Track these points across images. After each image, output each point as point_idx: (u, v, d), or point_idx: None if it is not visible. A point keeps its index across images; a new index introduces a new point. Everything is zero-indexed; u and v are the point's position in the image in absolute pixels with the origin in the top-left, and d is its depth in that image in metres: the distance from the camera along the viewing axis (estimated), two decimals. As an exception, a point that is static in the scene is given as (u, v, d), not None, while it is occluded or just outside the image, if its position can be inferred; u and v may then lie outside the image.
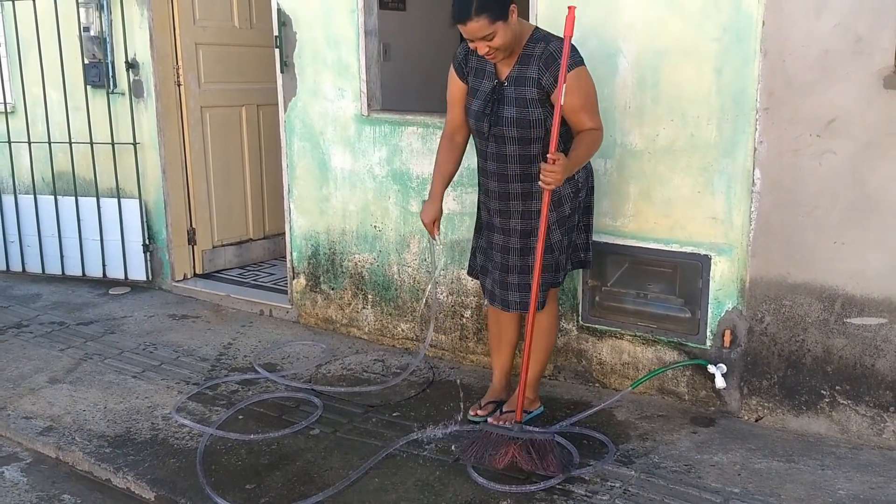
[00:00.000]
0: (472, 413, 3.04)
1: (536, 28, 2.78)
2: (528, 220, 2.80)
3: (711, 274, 3.02)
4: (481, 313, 3.59)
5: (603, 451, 2.80)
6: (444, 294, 3.70)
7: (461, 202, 3.56)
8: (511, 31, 2.59)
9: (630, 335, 3.25)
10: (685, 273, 3.09)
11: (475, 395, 3.27)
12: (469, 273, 3.13)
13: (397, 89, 4.31)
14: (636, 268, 3.18)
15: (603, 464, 2.70)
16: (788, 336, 2.91)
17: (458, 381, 3.39)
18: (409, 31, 4.97)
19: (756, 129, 2.84)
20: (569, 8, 2.52)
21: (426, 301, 3.66)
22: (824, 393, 2.87)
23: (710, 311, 3.05)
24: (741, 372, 3.03)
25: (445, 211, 3.57)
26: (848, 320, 2.78)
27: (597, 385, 3.36)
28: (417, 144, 3.65)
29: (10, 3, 4.78)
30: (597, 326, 3.30)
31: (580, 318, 3.33)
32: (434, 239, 3.01)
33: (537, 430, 2.74)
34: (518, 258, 2.83)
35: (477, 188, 3.00)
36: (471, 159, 3.08)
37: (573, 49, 2.64)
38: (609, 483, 2.60)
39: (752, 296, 2.95)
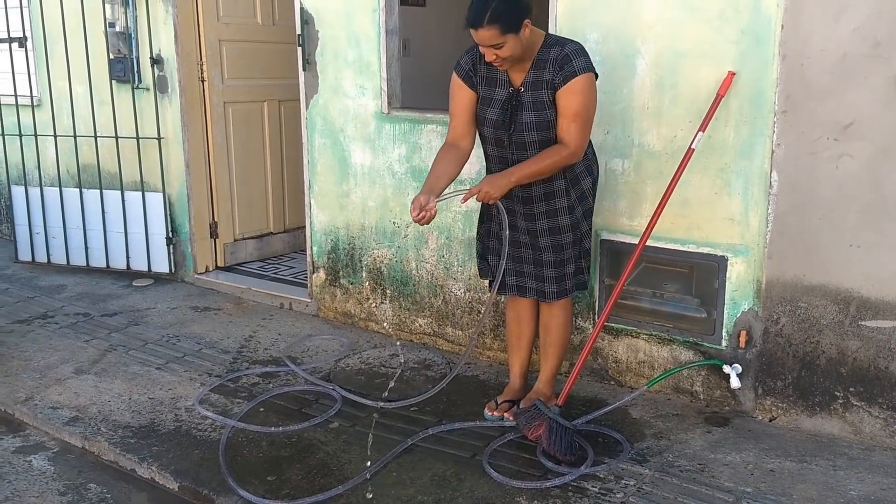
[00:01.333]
0: (487, 412, 3.10)
1: (549, 34, 2.81)
2: (555, 218, 2.86)
3: (728, 275, 3.04)
4: (498, 310, 3.63)
5: (618, 449, 2.84)
6: (462, 290, 3.74)
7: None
8: (521, 43, 2.63)
9: (646, 334, 3.28)
10: (702, 273, 3.11)
11: (492, 391, 3.32)
12: (482, 276, 3.18)
13: (417, 85, 4.34)
14: (653, 267, 3.21)
15: (618, 462, 2.74)
16: (803, 337, 2.93)
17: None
18: (429, 27, 5.00)
19: (774, 131, 2.86)
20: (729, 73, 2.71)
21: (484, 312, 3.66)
22: (838, 394, 2.89)
23: (726, 311, 3.07)
24: (756, 372, 3.05)
25: (464, 208, 3.63)
26: (863, 323, 2.80)
27: (612, 383, 3.40)
28: (437, 142, 3.69)
29: (38, -2, 4.86)
30: (613, 325, 3.33)
31: (596, 316, 3.37)
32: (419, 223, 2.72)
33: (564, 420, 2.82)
34: (552, 254, 2.90)
35: None
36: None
37: (586, 56, 2.68)
38: (623, 481, 2.64)
39: (768, 297, 2.97)
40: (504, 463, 2.76)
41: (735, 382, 3.05)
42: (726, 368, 3.07)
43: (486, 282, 3.44)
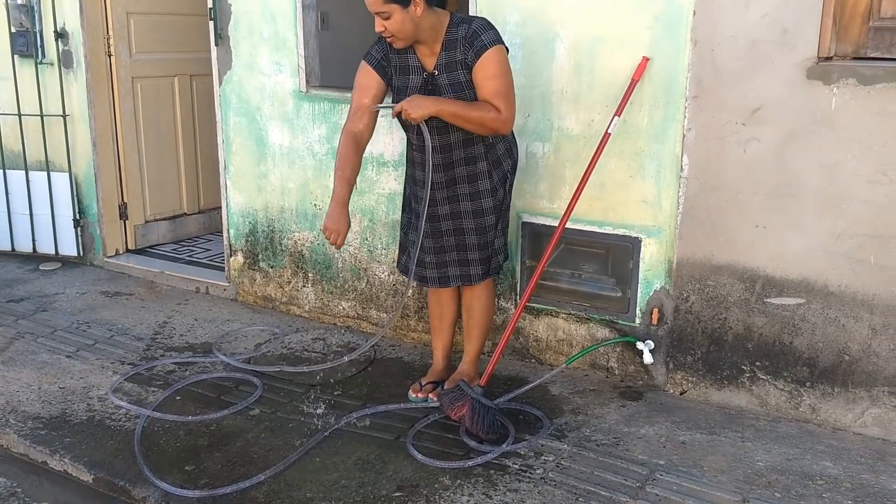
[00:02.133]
0: (412, 394, 3.11)
1: (454, 14, 2.78)
2: (479, 200, 2.88)
3: (641, 255, 3.13)
4: (423, 292, 3.64)
5: (538, 425, 2.91)
6: (387, 273, 3.74)
7: (402, 182, 3.58)
8: (412, 21, 2.62)
9: (565, 313, 3.35)
10: (617, 254, 3.20)
11: (416, 373, 3.34)
12: (399, 267, 3.16)
13: (336, 60, 4.27)
14: (572, 249, 3.27)
15: (538, 438, 2.81)
16: (712, 314, 3.05)
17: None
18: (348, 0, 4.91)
19: (685, 116, 2.95)
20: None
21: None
22: (745, 368, 3.03)
23: (639, 290, 3.17)
24: (667, 348, 3.17)
25: (387, 191, 3.61)
26: (768, 300, 2.94)
27: (533, 361, 3.47)
28: (357, 123, 3.64)
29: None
30: (534, 305, 3.39)
31: (518, 296, 3.42)
32: (337, 249, 2.93)
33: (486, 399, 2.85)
34: (475, 237, 2.91)
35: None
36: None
37: (494, 29, 2.70)
38: (543, 457, 2.71)
39: (679, 276, 3.08)
40: (428, 444, 2.78)
41: (648, 358, 3.16)
42: (639, 345, 3.18)
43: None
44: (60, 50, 4.43)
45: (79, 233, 4.71)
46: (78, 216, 4.69)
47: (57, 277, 4.56)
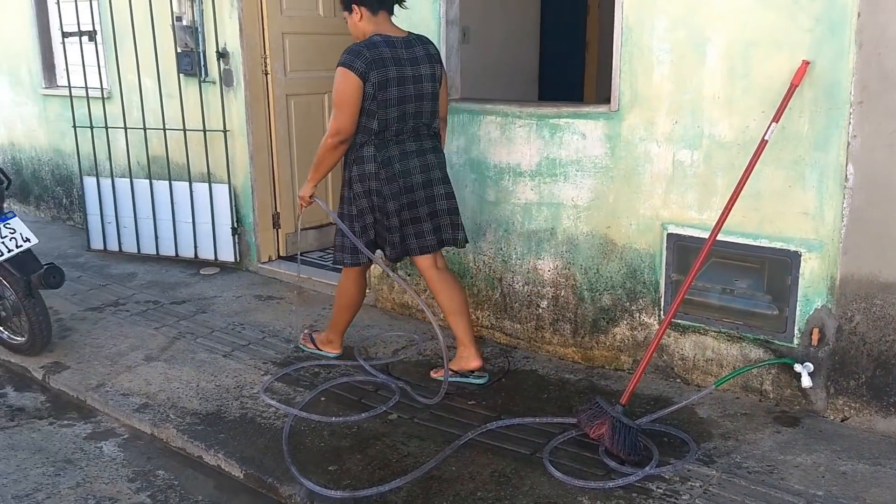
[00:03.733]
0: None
1: (376, 34, 3.14)
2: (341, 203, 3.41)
3: (801, 271, 2.93)
4: (558, 303, 3.59)
5: (684, 449, 2.78)
6: (521, 283, 3.71)
7: (539, 192, 3.55)
8: (352, 26, 3.22)
9: (714, 331, 3.19)
10: (773, 269, 3.01)
11: (551, 387, 3.29)
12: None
13: (476, 73, 4.31)
14: (722, 262, 3.12)
15: (684, 462, 2.68)
16: (879, 336, 2.81)
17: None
18: (489, 13, 4.94)
19: (850, 122, 2.73)
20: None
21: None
22: (918, 397, 2.77)
23: (798, 308, 2.97)
24: (828, 371, 2.94)
25: (523, 201, 3.60)
26: (946, 323, 2.67)
27: (678, 381, 3.33)
28: (496, 133, 3.65)
29: (108, -6, 4.99)
30: (680, 322, 3.25)
31: (662, 312, 3.30)
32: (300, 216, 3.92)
33: (627, 419, 2.78)
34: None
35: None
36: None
37: (348, 53, 3.08)
38: (690, 482, 2.58)
39: (842, 294, 2.85)
40: (565, 461, 2.73)
41: (806, 381, 2.95)
42: (797, 367, 2.97)
43: (545, 275, 3.42)
44: (222, 69, 4.74)
45: (236, 240, 5.01)
46: (235, 225, 4.99)
47: (215, 281, 4.86)
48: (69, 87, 5.28)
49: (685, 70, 3.06)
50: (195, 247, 5.10)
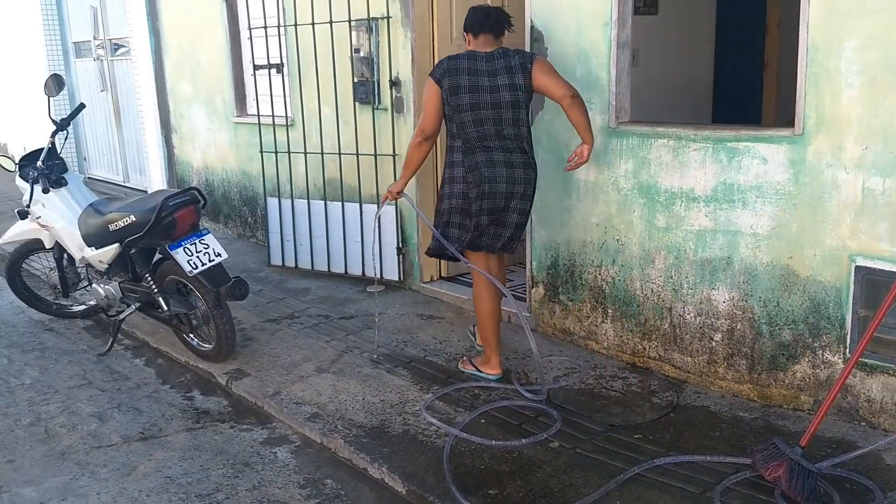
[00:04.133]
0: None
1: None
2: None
3: None
4: (733, 337, 3.41)
5: (868, 497, 2.56)
6: (693, 314, 3.57)
7: (714, 219, 3.41)
8: (466, 48, 3.64)
9: (907, 374, 2.92)
10: (981, 309, 2.70)
11: (724, 425, 3.13)
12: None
13: (646, 96, 4.22)
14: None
15: (870, 515, 2.46)
16: None
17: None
18: (660, 36, 4.84)
19: None
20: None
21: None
22: None
23: None
24: None
25: (696, 227, 3.47)
26: None
27: (863, 424, 3.06)
28: (668, 157, 3.55)
29: (294, 28, 5.36)
30: (867, 361, 3.00)
31: (848, 350, 3.05)
32: (383, 204, 4.05)
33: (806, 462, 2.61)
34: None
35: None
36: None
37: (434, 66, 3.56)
38: (877, 538, 2.36)
39: None
40: (738, 503, 2.58)
41: None
42: None
43: (720, 306, 3.27)
44: (393, 97, 4.94)
45: (400, 260, 5.18)
46: (400, 245, 5.16)
47: (381, 299, 5.05)
48: (258, 115, 5.71)
49: (878, 92, 2.84)
50: (363, 265, 5.33)
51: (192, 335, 4.21)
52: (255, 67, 5.70)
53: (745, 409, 3.31)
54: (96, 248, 4.25)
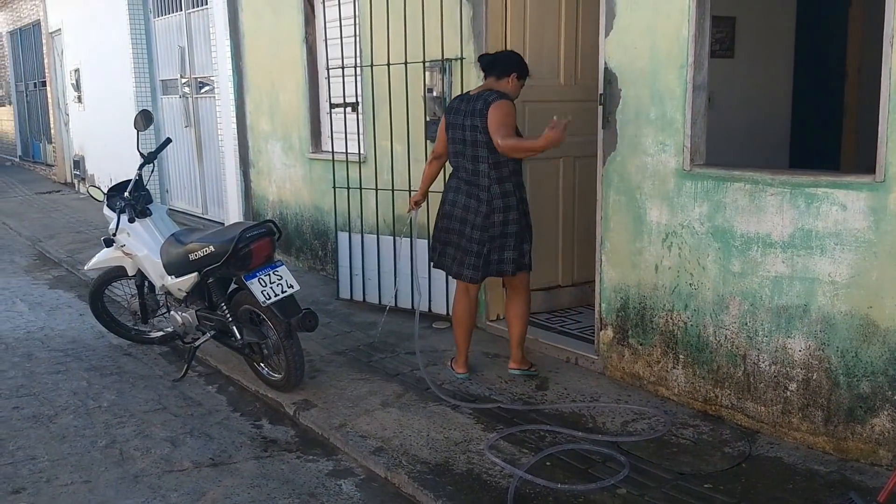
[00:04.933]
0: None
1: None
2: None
3: None
4: (809, 387, 3.30)
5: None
6: (768, 363, 3.47)
7: (791, 265, 3.33)
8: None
9: None
10: None
11: (798, 476, 3.01)
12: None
13: (721, 139, 4.18)
14: None
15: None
16: None
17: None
18: (736, 79, 4.80)
19: None
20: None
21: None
22: None
23: None
24: None
25: (772, 274, 3.39)
26: None
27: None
28: (744, 201, 3.49)
29: (370, 69, 5.52)
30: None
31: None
32: (413, 210, 4.58)
33: None
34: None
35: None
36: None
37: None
38: None
39: None
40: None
41: None
42: None
43: (795, 355, 3.16)
44: (465, 135, 5.01)
45: (467, 297, 5.20)
46: (467, 282, 5.18)
47: (446, 335, 5.06)
48: (332, 151, 5.88)
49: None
50: (429, 300, 5.36)
51: (262, 364, 4.30)
52: (332, 106, 5.87)
53: (820, 462, 3.19)
54: (176, 277, 4.42)
